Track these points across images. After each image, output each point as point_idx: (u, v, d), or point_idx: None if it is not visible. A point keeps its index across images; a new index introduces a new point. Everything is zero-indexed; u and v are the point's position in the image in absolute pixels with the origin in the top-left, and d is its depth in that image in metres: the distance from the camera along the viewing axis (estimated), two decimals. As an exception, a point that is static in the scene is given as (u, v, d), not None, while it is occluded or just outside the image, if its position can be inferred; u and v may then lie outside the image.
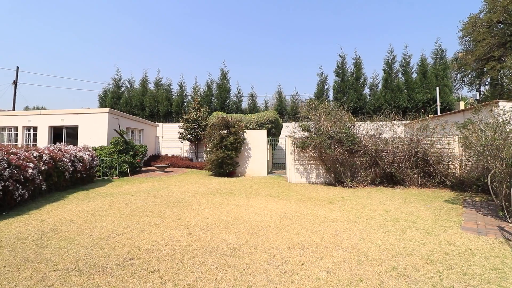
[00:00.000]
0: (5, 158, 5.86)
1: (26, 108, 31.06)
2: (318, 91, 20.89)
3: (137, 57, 58.76)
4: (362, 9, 48.41)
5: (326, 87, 21.07)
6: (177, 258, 3.42)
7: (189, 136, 16.79)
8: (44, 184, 7.11)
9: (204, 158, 14.78)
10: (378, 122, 10.19)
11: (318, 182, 10.17)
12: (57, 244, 3.90)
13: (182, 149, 18.36)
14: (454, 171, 9.08)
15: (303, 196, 7.49)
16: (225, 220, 5.06)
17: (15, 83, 22.74)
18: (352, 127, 10.05)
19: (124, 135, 12.63)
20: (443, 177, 8.74)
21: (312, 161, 10.30)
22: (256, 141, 12.63)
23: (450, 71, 19.99)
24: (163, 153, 18.53)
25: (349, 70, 20.62)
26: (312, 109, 10.61)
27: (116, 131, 12.46)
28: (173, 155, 17.92)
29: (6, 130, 14.72)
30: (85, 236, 4.23)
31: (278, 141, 16.27)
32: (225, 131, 12.05)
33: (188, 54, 57.72)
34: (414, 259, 3.38)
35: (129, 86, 23.44)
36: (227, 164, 11.70)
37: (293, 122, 16.50)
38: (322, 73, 21.11)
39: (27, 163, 6.42)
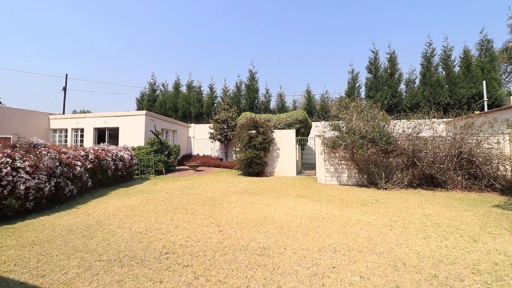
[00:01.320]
0: (57, 157, 6.53)
1: (74, 112, 34.26)
2: (349, 89, 20.15)
3: (170, 61, 61.68)
4: (394, 3, 45.59)
5: (357, 85, 20.25)
6: (209, 254, 3.54)
7: (219, 136, 17.23)
8: (90, 181, 7.80)
9: (234, 157, 15.09)
10: (415, 120, 9.56)
11: (350, 184, 9.82)
12: (101, 236, 4.25)
13: (212, 149, 18.91)
14: (504, 173, 8.18)
15: (334, 198, 7.30)
16: (255, 219, 5.12)
17: (64, 89, 25.16)
18: (387, 125, 9.55)
19: (159, 136, 13.35)
20: (491, 180, 7.93)
21: (343, 162, 9.98)
22: (284, 141, 12.57)
23: (498, 63, 17.94)
24: (194, 153, 19.24)
25: (382, 66, 19.59)
26: (343, 108, 10.29)
27: (152, 132, 13.22)
28: (204, 154, 18.52)
29: (58, 131, 16.39)
30: (125, 229, 4.56)
31: (307, 141, 16.01)
32: (254, 131, 12.16)
33: (218, 56, 59.18)
34: (458, 268, 3.12)
35: (163, 89, 24.71)
36: (256, 164, 11.81)
37: (323, 122, 16.13)
38: (353, 70, 20.35)
39: (76, 162, 7.09)
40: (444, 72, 18.08)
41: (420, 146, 8.77)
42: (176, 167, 15.07)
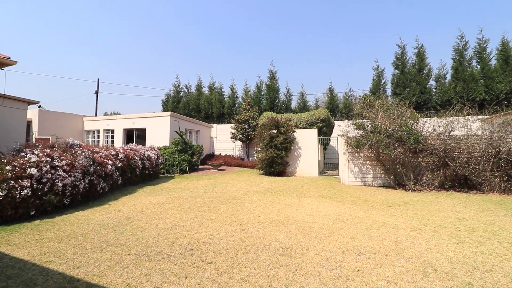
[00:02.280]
0: (91, 157, 6.97)
1: (105, 114, 36.34)
2: (374, 86, 19.42)
3: (192, 62, 63.32)
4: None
5: (383, 82, 19.48)
6: (231, 252, 3.60)
7: (240, 136, 17.40)
8: (120, 179, 8.23)
9: (255, 157, 15.15)
10: (447, 118, 9.00)
11: (375, 184, 9.47)
12: (130, 231, 4.48)
13: (234, 148, 19.14)
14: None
15: (358, 199, 7.08)
16: (276, 219, 5.11)
17: (96, 92, 26.78)
18: (415, 124, 9.08)
19: (183, 136, 13.77)
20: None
21: (368, 162, 9.65)
22: (306, 140, 12.41)
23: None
24: (217, 153, 19.60)
25: (409, 62, 18.66)
26: (367, 106, 9.94)
27: (177, 132, 13.67)
28: (226, 154, 18.81)
29: (91, 132, 17.47)
30: (152, 226, 4.76)
31: (329, 141, 15.67)
32: (275, 131, 12.14)
33: (239, 57, 59.74)
34: (496, 277, 2.90)
35: (186, 91, 25.47)
36: (277, 164, 11.78)
37: (346, 120, 15.70)
38: (377, 66, 19.61)
39: (107, 161, 7.52)
40: (478, 66, 16.84)
41: (453, 145, 8.24)
42: (199, 166, 15.44)
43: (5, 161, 5.23)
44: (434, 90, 17.90)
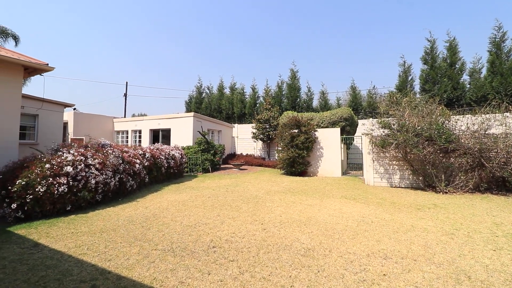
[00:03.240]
0: (120, 156, 7.35)
1: (133, 115, 38.18)
2: (400, 83, 18.53)
3: (214, 64, 64.56)
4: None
5: (410, 78, 18.53)
6: (253, 251, 3.62)
7: (261, 135, 17.44)
8: (147, 177, 8.60)
9: (276, 157, 15.11)
10: (482, 115, 8.37)
11: (402, 186, 9.05)
12: (157, 227, 4.66)
13: (255, 148, 19.23)
14: None
15: (384, 200, 6.82)
16: (298, 219, 5.07)
17: (125, 95, 28.17)
18: (447, 122, 8.55)
19: (206, 136, 14.08)
20: None
21: (394, 162, 9.25)
22: (328, 140, 12.15)
23: None
24: (238, 152, 19.81)
25: (440, 56, 17.55)
26: (394, 104, 9.52)
27: (200, 132, 14.01)
28: (247, 154, 18.95)
29: (120, 133, 18.42)
30: (177, 223, 4.93)
31: (353, 140, 15.22)
32: (296, 130, 12.02)
33: (260, 57, 59.89)
34: (542, 289, 2.66)
35: (208, 92, 25.99)
36: (298, 164, 11.66)
37: (371, 119, 15.17)
38: (404, 62, 18.69)
39: (135, 160, 7.88)
40: (519, 59, 15.43)
41: (489, 144, 7.65)
42: (221, 166, 15.70)
43: (45, 160, 5.67)
44: (468, 86, 16.68)
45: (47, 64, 6.44)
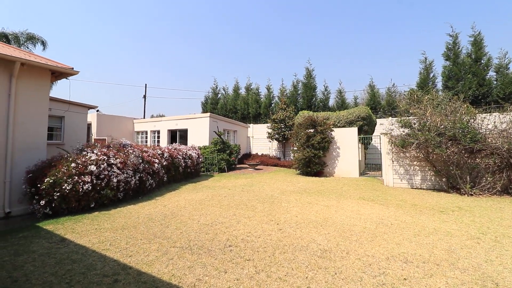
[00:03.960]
0: (140, 155, 7.59)
1: (152, 116, 39.30)
2: (421, 80, 17.78)
3: (229, 65, 65.15)
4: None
5: (431, 75, 17.72)
6: (269, 251, 3.63)
7: (276, 135, 17.39)
8: (166, 176, 8.83)
9: (291, 157, 15.01)
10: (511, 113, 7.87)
11: (424, 187, 8.71)
12: (175, 225, 4.78)
13: (270, 148, 19.20)
14: None
15: (404, 202, 6.59)
16: (314, 220, 5.01)
17: (144, 97, 29.06)
18: (472, 120, 8.12)
19: (222, 136, 14.25)
20: None
21: (415, 162, 8.91)
22: (345, 139, 11.91)
23: None
24: (253, 152, 19.86)
25: (464, 51, 16.67)
26: (414, 102, 9.17)
27: (215, 132, 14.20)
28: (262, 154, 18.96)
29: (140, 133, 19.04)
30: (194, 221, 5.02)
31: (371, 140, 14.82)
32: (312, 130, 11.88)
33: (274, 56, 59.72)
34: None
35: (224, 92, 26.25)
36: (314, 164, 11.52)
37: (390, 118, 14.72)
38: (425, 58, 17.90)
39: (154, 159, 8.12)
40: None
41: (520, 144, 7.19)
42: (237, 166, 15.81)
43: (71, 159, 5.97)
44: (495, 82, 15.74)
45: (72, 68, 6.78)
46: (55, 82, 17.81)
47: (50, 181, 5.35)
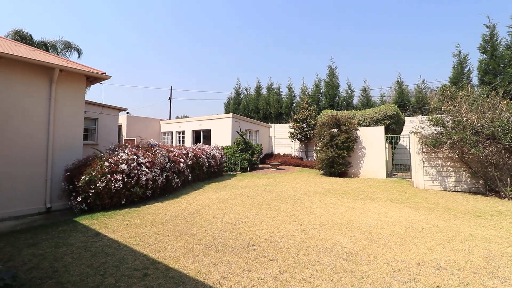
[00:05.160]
0: (167, 155, 7.88)
1: (177, 117, 40.64)
2: (454, 76, 16.62)
3: (252, 65, 65.56)
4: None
5: (466, 69, 16.50)
6: (292, 252, 3.61)
7: (298, 135, 17.20)
8: (190, 175, 9.09)
9: (314, 157, 14.76)
10: None
11: (458, 190, 8.16)
12: (200, 223, 4.91)
13: (292, 148, 19.04)
14: None
15: (436, 205, 6.23)
16: (339, 222, 4.90)
17: (170, 99, 30.15)
18: (514, 118, 7.47)
19: (244, 136, 14.38)
20: None
21: (448, 163, 8.37)
22: (371, 139, 11.49)
23: None
24: (275, 152, 19.81)
25: (503, 43, 15.32)
26: (447, 98, 8.61)
27: (238, 132, 14.36)
28: (284, 153, 18.85)
29: (166, 134, 19.76)
30: (218, 219, 5.13)
31: (399, 139, 14.15)
32: (335, 129, 11.60)
33: (295, 55, 59.09)
34: None
35: (246, 93, 26.45)
36: (338, 164, 11.24)
37: (420, 116, 13.94)
38: (459, 52, 16.70)
39: (180, 159, 8.39)
40: None
41: None
42: (259, 165, 15.86)
43: (104, 158, 6.36)
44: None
45: (105, 73, 7.21)
46: (89, 87, 19.06)
47: (86, 179, 5.73)
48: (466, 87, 9.07)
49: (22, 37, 15.81)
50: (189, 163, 9.02)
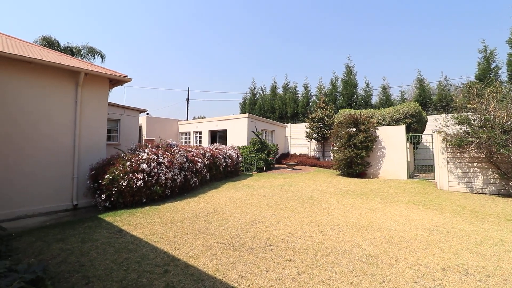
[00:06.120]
0: (185, 155, 8.06)
1: (194, 118, 41.46)
2: (481, 72, 15.72)
3: (267, 64, 65.53)
4: None
5: (493, 65, 15.56)
6: (310, 253, 3.57)
7: (315, 135, 16.99)
8: (208, 175, 9.24)
9: (331, 157, 14.53)
10: None
11: (487, 192, 7.72)
12: (217, 222, 4.98)
13: (309, 148, 18.83)
14: None
15: (462, 208, 5.93)
16: (358, 224, 4.79)
17: (187, 100, 30.78)
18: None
19: (260, 136, 14.39)
20: None
21: (475, 163, 7.95)
22: (391, 138, 11.12)
23: None
24: (291, 152, 19.68)
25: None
26: (474, 95, 8.17)
27: (254, 132, 14.40)
28: (300, 153, 18.68)
29: (184, 134, 20.18)
30: (235, 219, 5.17)
31: (421, 138, 13.60)
32: (354, 129, 11.34)
33: (312, 54, 58.32)
34: None
35: (261, 92, 26.46)
36: (356, 164, 10.98)
37: (443, 114, 13.34)
38: (485, 47, 15.77)
39: (197, 159, 8.55)
40: None
41: None
42: (275, 165, 15.83)
43: (126, 158, 6.60)
44: None
45: (126, 76, 7.48)
46: (111, 89, 19.85)
47: (110, 177, 5.98)
48: (494, 84, 8.58)
49: (49, 43, 16.75)
50: (206, 162, 9.16)
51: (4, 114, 5.62)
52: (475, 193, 7.80)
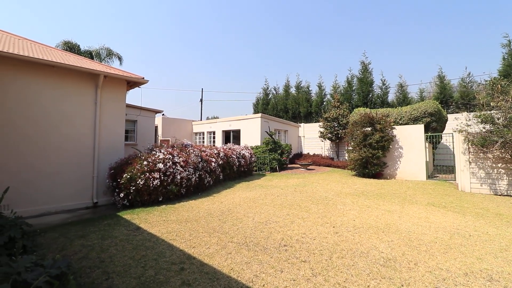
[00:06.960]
0: (199, 155, 8.17)
1: (207, 118, 41.96)
2: (505, 67, 14.94)
3: (280, 64, 65.24)
4: None
5: (520, 60, 14.78)
6: (325, 254, 3.53)
7: (329, 135, 16.77)
8: (221, 174, 9.32)
9: (346, 157, 14.27)
10: None
11: (513, 194, 7.34)
12: (231, 222, 5.02)
13: (322, 148, 18.60)
14: None
15: (486, 211, 5.67)
16: (374, 226, 4.68)
17: (201, 100, 31.23)
18: None
19: (273, 136, 14.37)
20: None
21: (499, 164, 7.57)
22: (409, 138, 10.79)
23: None
24: (305, 152, 19.51)
25: None
26: (498, 93, 7.76)
27: (267, 132, 14.39)
28: (314, 153, 18.49)
29: (198, 134, 20.47)
30: (249, 218, 5.19)
31: (441, 138, 13.09)
32: (369, 128, 11.09)
33: (326, 52, 57.47)
34: None
35: (274, 92, 26.42)
36: (372, 164, 10.73)
37: (465, 113, 12.81)
38: (509, 42, 14.97)
39: (211, 159, 8.65)
40: None
41: None
42: (288, 165, 15.74)
43: (143, 158, 6.78)
44: None
45: (143, 78, 7.69)
46: (128, 91, 20.45)
47: (128, 176, 6.16)
48: (522, 80, 8.12)
49: (70, 47, 17.48)
50: (220, 162, 9.25)
51: (27, 116, 5.92)
52: (499, 195, 7.43)
